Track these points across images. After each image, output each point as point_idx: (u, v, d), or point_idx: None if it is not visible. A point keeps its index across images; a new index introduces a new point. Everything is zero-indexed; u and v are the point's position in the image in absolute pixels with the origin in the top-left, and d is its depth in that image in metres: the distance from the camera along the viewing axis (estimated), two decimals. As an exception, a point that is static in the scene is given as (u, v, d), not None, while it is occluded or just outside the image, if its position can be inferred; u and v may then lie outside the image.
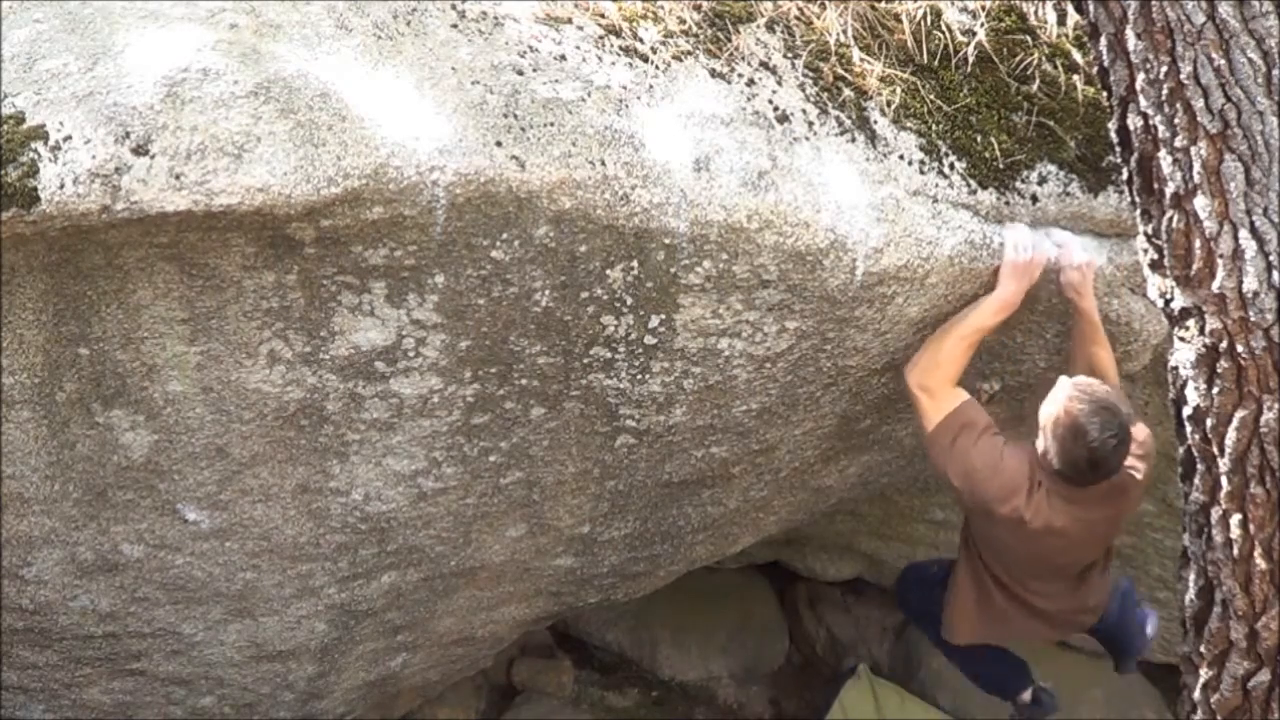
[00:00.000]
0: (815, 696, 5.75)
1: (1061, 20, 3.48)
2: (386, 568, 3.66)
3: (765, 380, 3.32)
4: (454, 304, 2.91)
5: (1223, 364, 2.58)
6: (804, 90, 3.15)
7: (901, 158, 3.18)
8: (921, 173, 3.19)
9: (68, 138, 2.42)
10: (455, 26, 2.85)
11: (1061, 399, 3.13)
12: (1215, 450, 2.64)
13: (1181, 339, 2.65)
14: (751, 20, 3.20)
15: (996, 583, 3.59)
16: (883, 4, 3.36)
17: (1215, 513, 2.69)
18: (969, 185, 3.23)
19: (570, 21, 2.99)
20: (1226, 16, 2.43)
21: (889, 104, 3.21)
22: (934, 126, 3.24)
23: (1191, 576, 2.81)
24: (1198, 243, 2.55)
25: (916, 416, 3.32)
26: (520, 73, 2.82)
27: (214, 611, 3.62)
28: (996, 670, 4.15)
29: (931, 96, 3.27)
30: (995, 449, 3.23)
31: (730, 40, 3.13)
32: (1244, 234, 2.50)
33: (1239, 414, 2.59)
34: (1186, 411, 2.69)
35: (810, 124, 3.11)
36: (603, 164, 2.80)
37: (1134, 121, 2.58)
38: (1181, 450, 2.76)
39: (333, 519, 3.39)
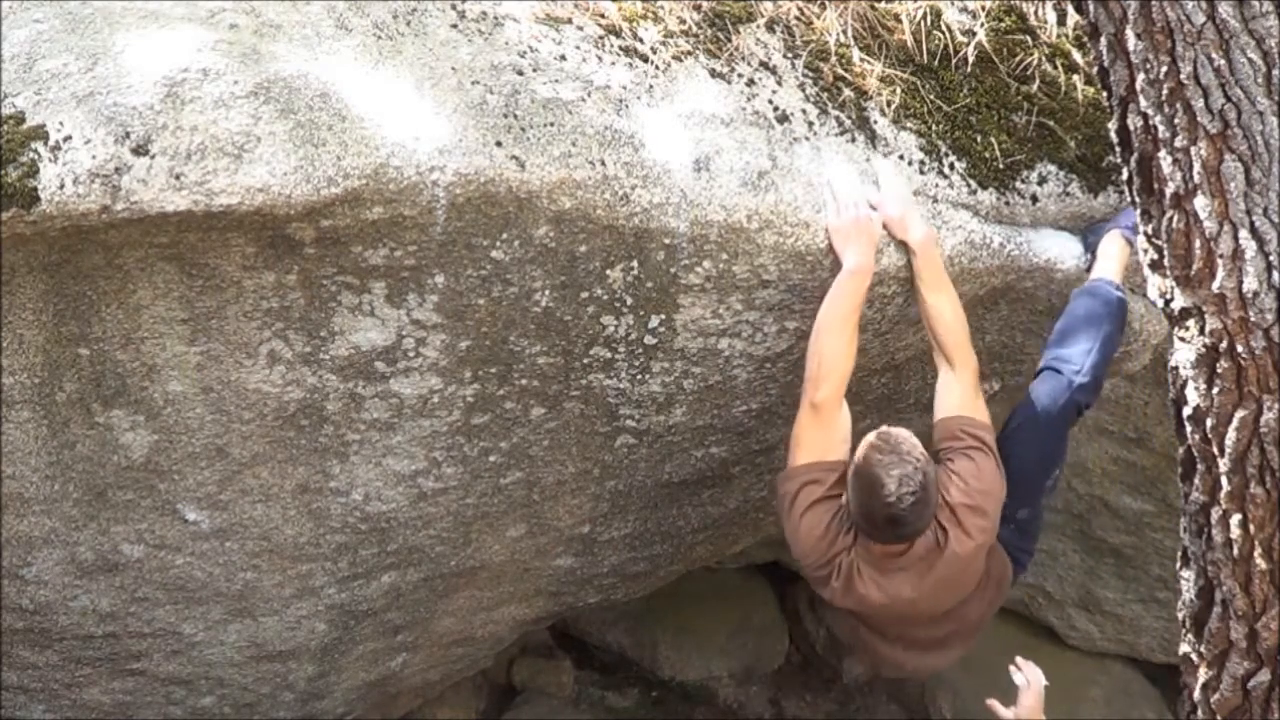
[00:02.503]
0: (815, 696, 5.74)
1: (1061, 20, 3.48)
2: (386, 568, 3.66)
3: (765, 380, 3.32)
4: (454, 304, 2.91)
5: (1223, 364, 2.57)
6: (804, 90, 3.15)
7: (901, 158, 3.18)
8: (921, 173, 3.19)
9: (68, 138, 2.42)
10: (455, 26, 2.85)
11: (863, 447, 2.93)
12: (1215, 450, 2.64)
13: (1181, 339, 2.65)
14: (751, 20, 3.20)
15: (873, 634, 3.38)
16: (883, 4, 3.36)
17: (1215, 513, 2.69)
18: (969, 185, 3.24)
19: (570, 21, 2.99)
20: (1226, 16, 2.43)
21: (889, 104, 3.21)
22: (934, 126, 3.24)
23: (1191, 576, 2.81)
24: (1198, 243, 2.54)
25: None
26: (520, 73, 2.82)
27: (214, 611, 3.62)
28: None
29: (931, 96, 3.27)
30: (821, 522, 3.01)
31: (730, 40, 3.14)
32: (1244, 234, 2.50)
33: (1239, 414, 2.59)
34: (1186, 411, 2.68)
35: (810, 124, 3.11)
36: (603, 164, 2.80)
37: (1134, 121, 2.58)
38: (1181, 450, 2.76)
39: (333, 519, 3.39)
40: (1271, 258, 2.49)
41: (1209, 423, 2.64)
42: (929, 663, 3.52)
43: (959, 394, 3.10)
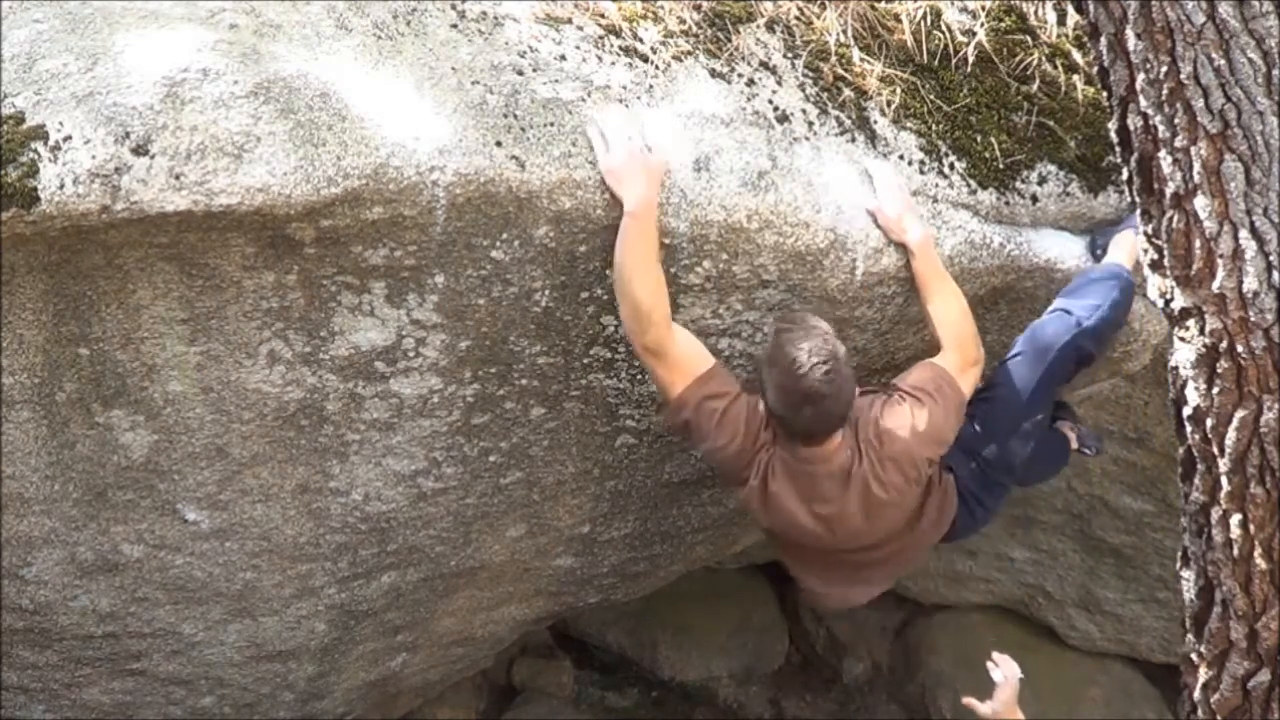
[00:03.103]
0: (815, 696, 5.75)
1: (1061, 20, 3.48)
2: (386, 568, 3.66)
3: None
4: (454, 304, 2.91)
5: (1223, 364, 2.58)
6: (804, 90, 3.15)
7: (901, 158, 3.18)
8: (921, 173, 3.19)
9: (68, 138, 2.42)
10: (455, 26, 2.85)
11: (771, 332, 2.92)
12: (1215, 450, 2.64)
13: (1181, 339, 2.65)
14: (751, 20, 3.20)
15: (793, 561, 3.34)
16: (883, 4, 3.36)
17: (1215, 513, 2.69)
18: (969, 185, 3.24)
19: (570, 21, 2.99)
20: (1226, 16, 2.43)
21: (889, 104, 3.21)
22: (934, 126, 3.24)
23: (1191, 576, 2.81)
24: (1198, 243, 2.55)
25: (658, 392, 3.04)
26: (520, 73, 2.82)
27: (214, 611, 3.62)
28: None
29: (931, 96, 3.27)
30: (739, 422, 2.95)
31: (730, 40, 3.13)
32: (1244, 234, 2.50)
33: (1239, 414, 2.59)
34: (1186, 411, 2.69)
35: (810, 124, 3.11)
36: (603, 164, 2.80)
37: (1134, 121, 2.58)
38: (1181, 450, 2.77)
39: (333, 519, 3.39)
40: (1271, 258, 2.49)
41: (1209, 423, 2.64)
42: (850, 595, 3.46)
43: (946, 359, 3.08)
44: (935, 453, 3.05)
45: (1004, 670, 3.23)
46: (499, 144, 2.71)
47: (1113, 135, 2.70)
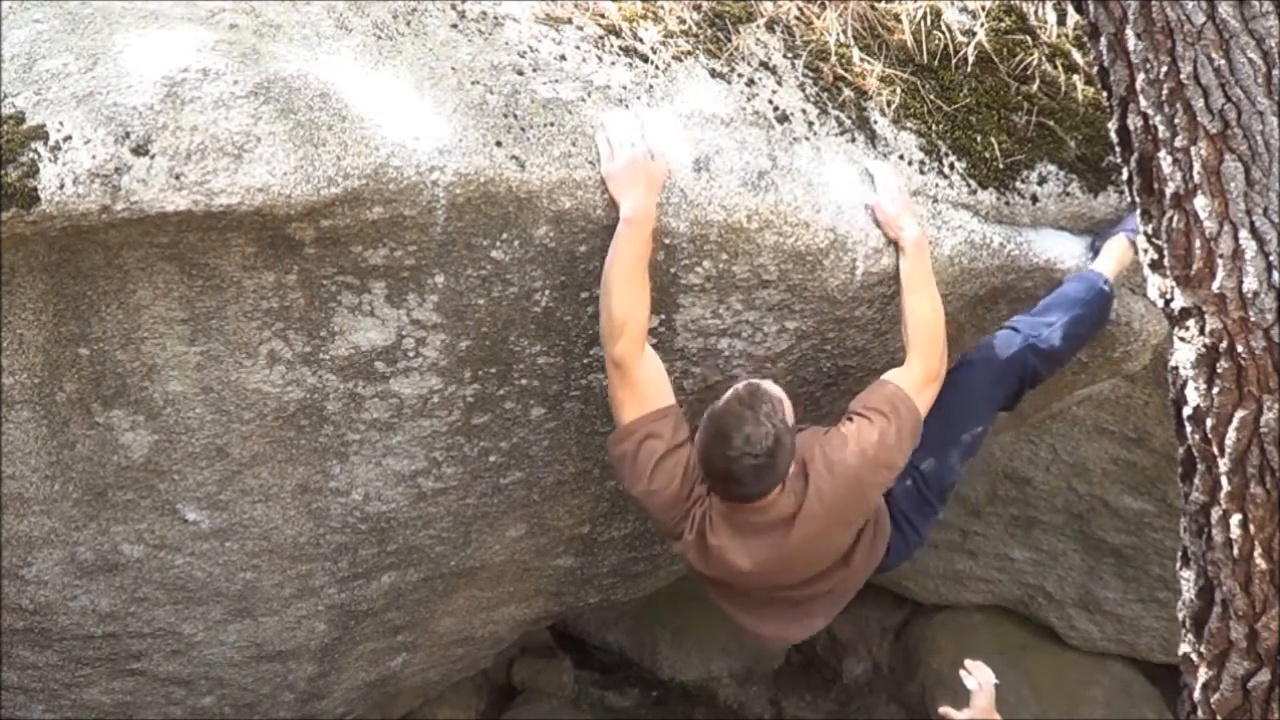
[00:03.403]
0: (815, 696, 5.75)
1: (1061, 20, 3.48)
2: (386, 568, 3.66)
3: (768, 376, 3.32)
4: (454, 304, 2.91)
5: (1223, 364, 2.58)
6: (804, 90, 3.15)
7: (901, 158, 3.18)
8: (921, 173, 3.19)
9: (68, 138, 2.42)
10: (455, 27, 2.85)
11: (729, 392, 2.85)
12: (1215, 450, 2.64)
13: (1181, 339, 2.65)
14: (751, 20, 3.20)
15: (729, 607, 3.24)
16: (883, 4, 3.36)
17: (1215, 513, 2.69)
18: (969, 185, 3.24)
19: (570, 21, 2.99)
20: (1226, 16, 2.43)
21: (889, 104, 3.21)
22: (934, 126, 3.24)
23: (1191, 576, 2.81)
24: (1198, 243, 2.55)
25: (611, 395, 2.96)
26: (520, 73, 2.82)
27: (214, 611, 3.62)
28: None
29: (931, 96, 3.27)
30: (675, 476, 2.89)
31: (730, 40, 3.14)
32: (1244, 234, 2.50)
33: (1239, 414, 2.59)
34: (1186, 411, 2.69)
35: (810, 124, 3.11)
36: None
37: (1134, 121, 2.58)
38: (1181, 450, 2.76)
39: (333, 519, 3.39)
40: (1271, 258, 2.49)
41: (1209, 423, 2.64)
42: (790, 633, 3.37)
43: (906, 375, 3.01)
44: (886, 479, 2.99)
45: (978, 677, 3.21)
46: (499, 144, 2.71)
47: (1113, 135, 2.70)
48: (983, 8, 3.44)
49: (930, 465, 3.17)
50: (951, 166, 3.23)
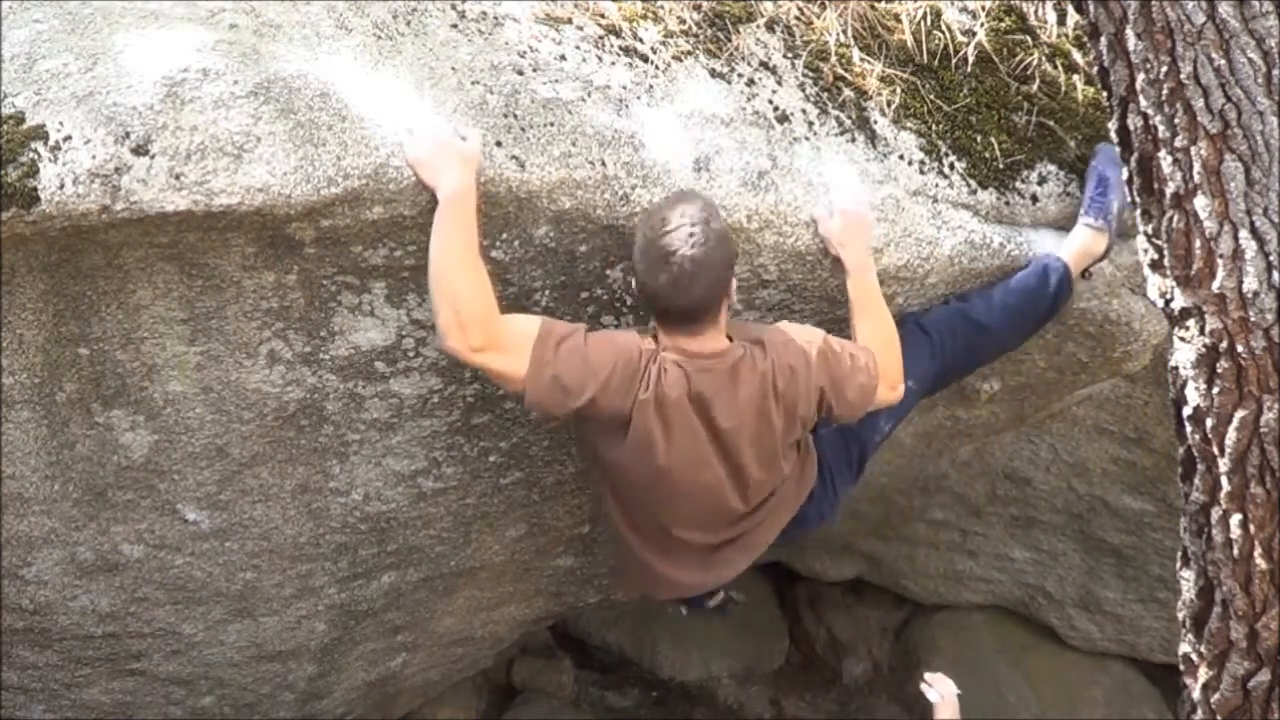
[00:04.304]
0: (815, 696, 5.75)
1: (1061, 20, 3.48)
2: (386, 568, 3.66)
3: (765, 380, 3.32)
4: (454, 304, 2.91)
5: (1223, 364, 2.58)
6: (804, 90, 3.15)
7: (901, 158, 3.18)
8: (921, 173, 3.19)
9: (68, 138, 2.42)
10: (455, 26, 2.85)
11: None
12: (1215, 450, 2.64)
13: (1181, 339, 2.65)
14: (751, 20, 3.20)
15: (645, 537, 3.03)
16: (883, 4, 3.37)
17: (1215, 513, 2.69)
18: (969, 185, 3.24)
19: (570, 21, 2.99)
20: (1226, 16, 2.43)
21: (889, 104, 3.21)
22: (934, 126, 3.24)
23: (1191, 576, 2.81)
24: (1198, 243, 2.55)
25: (505, 387, 2.82)
26: (520, 73, 2.82)
27: (214, 611, 3.62)
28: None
29: (931, 96, 3.27)
30: (607, 338, 2.73)
31: (730, 40, 3.14)
32: (1244, 234, 2.50)
33: (1239, 414, 2.59)
34: (1186, 411, 2.68)
35: (810, 124, 3.11)
36: (603, 164, 2.80)
37: (1134, 121, 2.58)
38: (1181, 450, 2.76)
39: (333, 519, 3.39)
40: (1271, 258, 2.49)
41: (1209, 423, 2.64)
42: (709, 578, 3.15)
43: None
44: (829, 384, 2.84)
45: (939, 689, 3.22)
46: (499, 144, 2.71)
47: (1113, 135, 2.70)
48: (983, 8, 3.44)
49: None
50: (951, 166, 3.23)
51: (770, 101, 3.09)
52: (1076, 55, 3.43)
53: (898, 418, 3.24)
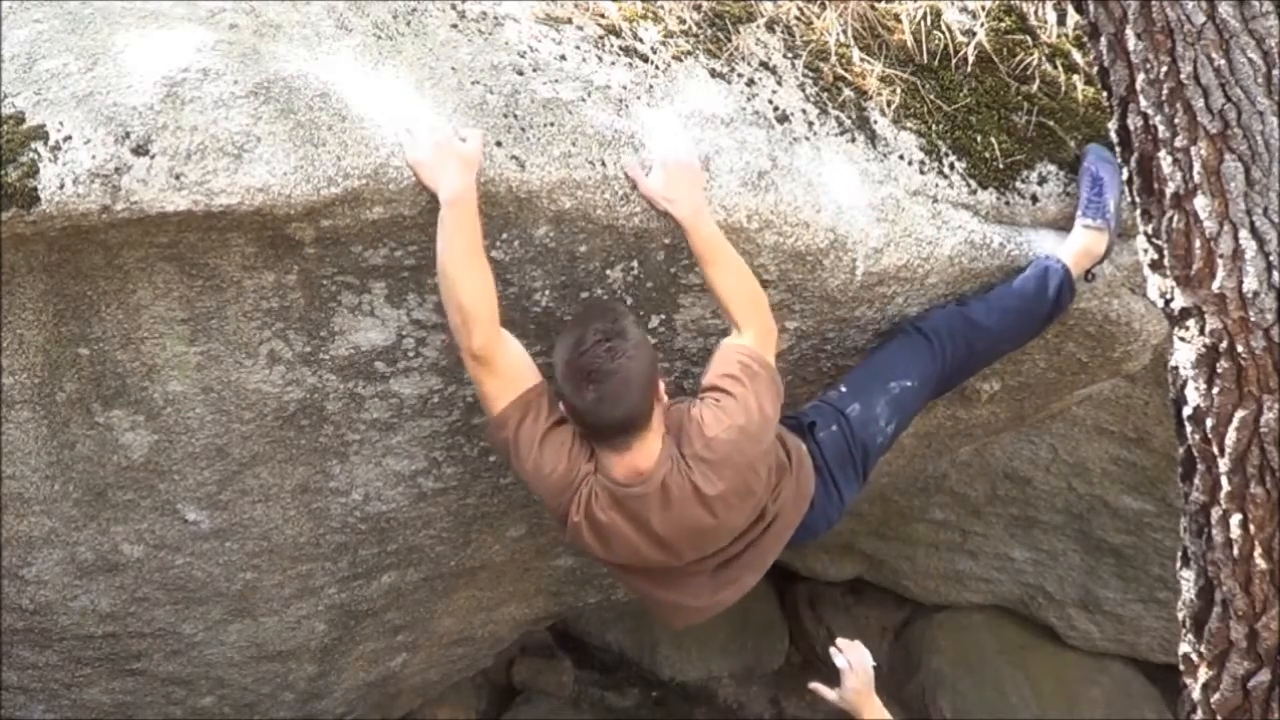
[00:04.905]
0: (816, 696, 5.74)
1: (1061, 20, 3.48)
2: (386, 568, 3.66)
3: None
4: (454, 304, 2.91)
5: (1223, 364, 2.58)
6: (804, 90, 3.15)
7: (901, 158, 3.18)
8: (921, 173, 3.19)
9: (68, 138, 2.42)
10: (455, 26, 2.85)
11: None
12: (1215, 450, 2.64)
13: (1181, 339, 2.65)
14: (751, 20, 3.20)
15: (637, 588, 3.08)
16: (883, 4, 3.37)
17: (1215, 513, 2.69)
18: (969, 185, 3.24)
19: (570, 21, 2.99)
20: (1226, 16, 2.43)
21: (889, 104, 3.21)
22: (934, 126, 3.24)
23: (1191, 576, 2.81)
24: (1198, 243, 2.55)
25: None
26: (520, 73, 2.82)
27: (214, 611, 3.62)
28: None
29: (931, 96, 3.27)
30: (561, 451, 2.76)
31: (730, 40, 3.14)
32: (1244, 234, 2.50)
33: (1239, 414, 2.59)
34: (1186, 411, 2.68)
35: (810, 124, 3.11)
36: (603, 164, 2.80)
37: (1134, 121, 2.58)
38: (1181, 450, 2.76)
39: (333, 519, 3.39)
40: (1271, 258, 2.49)
41: (1209, 423, 2.64)
42: (722, 598, 3.11)
43: (746, 336, 2.87)
44: (764, 442, 2.84)
45: (848, 656, 3.12)
46: (499, 144, 2.71)
47: (1113, 135, 2.70)
48: (983, 8, 3.44)
49: (856, 411, 3.11)
50: (951, 166, 3.23)
51: (770, 101, 3.09)
52: (1076, 55, 3.43)
53: (901, 419, 3.22)
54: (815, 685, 3.13)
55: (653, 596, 3.09)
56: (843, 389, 3.17)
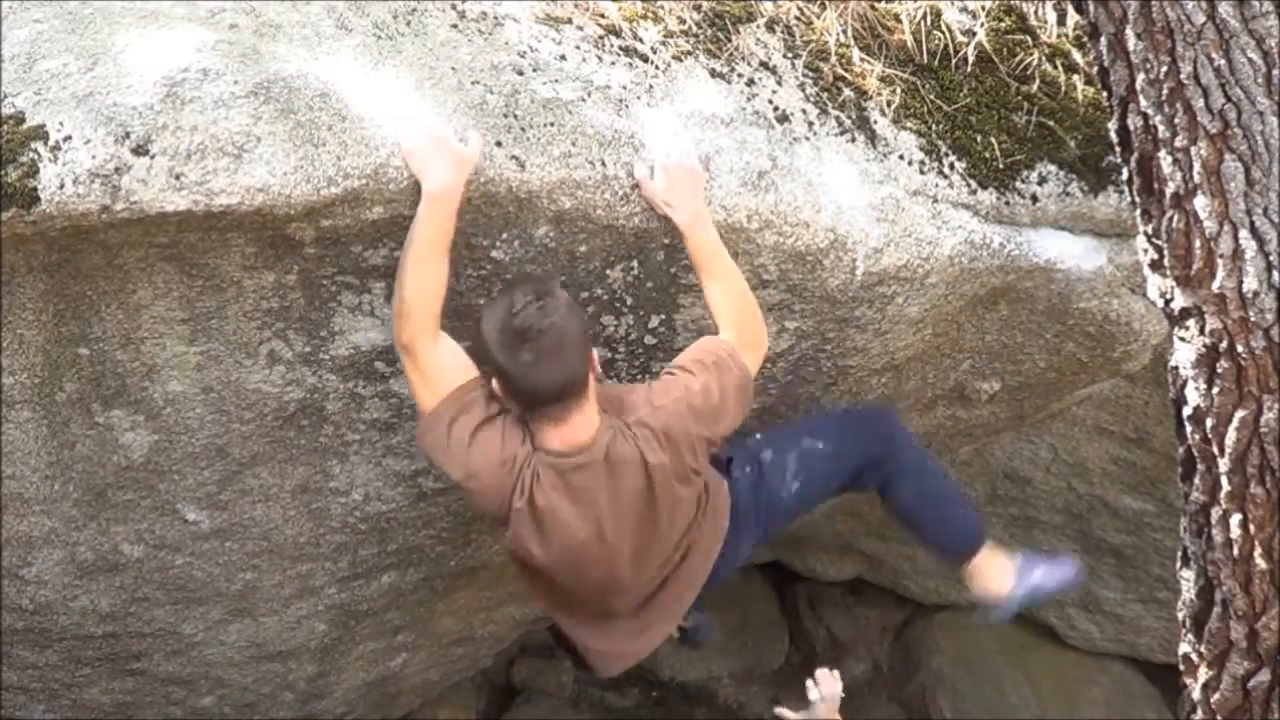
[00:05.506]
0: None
1: (1061, 20, 3.48)
2: (386, 568, 3.66)
3: (765, 381, 3.32)
4: (454, 304, 2.91)
5: (1223, 364, 2.57)
6: (804, 90, 3.15)
7: (901, 158, 3.18)
8: (921, 173, 3.19)
9: (68, 138, 2.42)
10: (455, 26, 2.85)
11: None
12: (1215, 450, 2.64)
13: (1181, 339, 2.65)
14: (751, 20, 3.20)
15: (564, 623, 3.05)
16: (883, 4, 3.36)
17: (1215, 513, 2.69)
18: (969, 185, 3.23)
19: (570, 21, 2.99)
20: (1226, 16, 2.43)
21: (889, 104, 3.21)
22: (934, 126, 3.24)
23: (1191, 576, 2.81)
24: (1198, 243, 2.54)
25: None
26: (520, 73, 2.82)
27: (214, 611, 3.62)
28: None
29: (931, 96, 3.27)
30: (494, 442, 2.67)
31: (730, 40, 3.14)
32: (1244, 234, 2.50)
33: (1239, 414, 2.59)
34: (1186, 411, 2.68)
35: (810, 124, 3.11)
36: (603, 164, 2.80)
37: (1134, 121, 2.58)
38: (1181, 450, 2.76)
39: (333, 519, 3.40)
40: (1271, 258, 2.49)
41: (1209, 423, 2.64)
42: (634, 648, 3.08)
43: (726, 335, 2.84)
44: (712, 431, 2.77)
45: (823, 690, 3.17)
46: (499, 144, 2.71)
47: (1113, 135, 2.70)
48: (983, 8, 3.44)
49: (769, 457, 3.08)
50: (951, 166, 3.23)
51: (770, 101, 3.09)
52: (1076, 55, 3.43)
53: (807, 481, 3.10)
54: (781, 711, 3.18)
55: (583, 643, 3.06)
56: (758, 435, 3.14)
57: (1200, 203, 2.51)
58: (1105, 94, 2.68)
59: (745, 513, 3.04)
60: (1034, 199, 3.30)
